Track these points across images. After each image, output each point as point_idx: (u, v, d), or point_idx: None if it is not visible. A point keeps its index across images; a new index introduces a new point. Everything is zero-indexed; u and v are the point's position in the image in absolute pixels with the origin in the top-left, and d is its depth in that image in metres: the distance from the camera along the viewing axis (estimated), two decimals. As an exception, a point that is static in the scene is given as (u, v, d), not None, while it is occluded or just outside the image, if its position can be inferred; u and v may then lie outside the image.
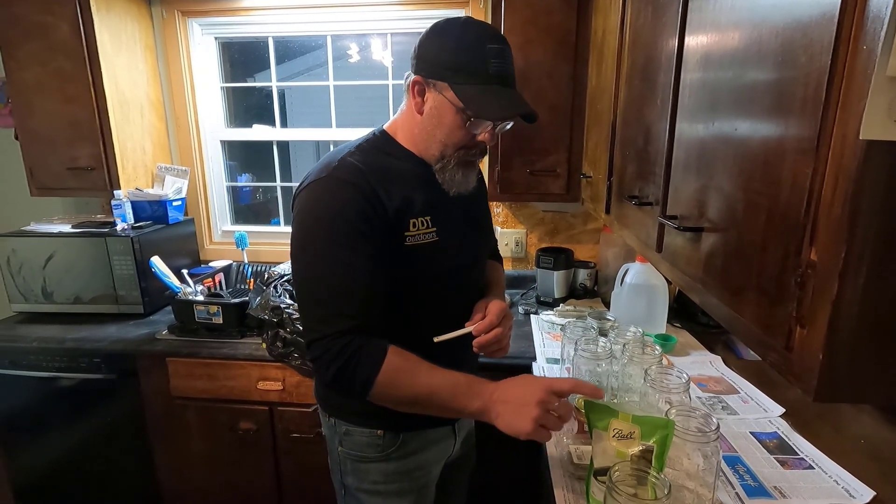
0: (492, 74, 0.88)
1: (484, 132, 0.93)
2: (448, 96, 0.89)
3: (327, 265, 0.88)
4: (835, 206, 0.44)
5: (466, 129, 0.91)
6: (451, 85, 0.88)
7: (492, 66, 0.87)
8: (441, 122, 0.92)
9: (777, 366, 0.53)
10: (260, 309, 1.67)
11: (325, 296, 0.88)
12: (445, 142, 0.93)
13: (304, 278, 0.91)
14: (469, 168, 0.98)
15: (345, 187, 0.88)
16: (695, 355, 1.49)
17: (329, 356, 0.86)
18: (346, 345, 0.86)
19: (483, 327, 0.97)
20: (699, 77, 0.75)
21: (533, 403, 0.82)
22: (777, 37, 0.53)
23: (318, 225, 0.89)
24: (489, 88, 0.88)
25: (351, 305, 0.87)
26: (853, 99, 0.42)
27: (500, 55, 0.88)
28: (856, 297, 0.43)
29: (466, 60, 0.87)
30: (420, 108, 0.93)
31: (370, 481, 1.05)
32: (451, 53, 0.88)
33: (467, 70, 0.87)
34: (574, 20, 1.65)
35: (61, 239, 1.85)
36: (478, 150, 0.96)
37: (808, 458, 0.98)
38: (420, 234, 0.94)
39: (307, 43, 2.28)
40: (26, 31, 1.79)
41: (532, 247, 2.16)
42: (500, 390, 0.87)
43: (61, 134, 1.88)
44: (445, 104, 0.90)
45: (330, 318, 0.87)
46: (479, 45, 0.87)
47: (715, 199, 0.68)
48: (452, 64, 0.88)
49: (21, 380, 1.75)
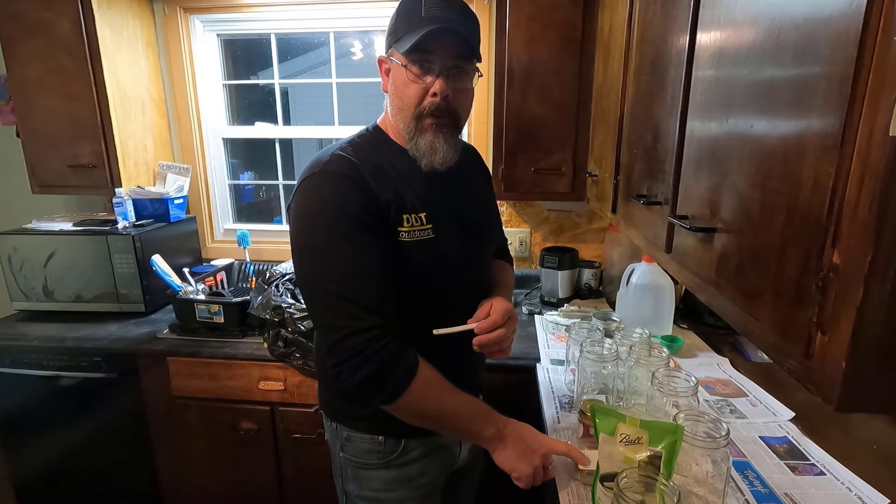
0: (425, 18, 0.85)
1: (434, 82, 0.87)
2: (396, 58, 0.89)
3: (339, 259, 0.84)
4: (860, 206, 0.42)
5: (417, 84, 0.88)
6: (395, 47, 0.88)
7: (425, 11, 0.86)
8: (396, 88, 0.91)
9: (795, 373, 0.51)
10: (261, 308, 1.66)
11: (343, 290, 0.84)
12: (402, 107, 0.91)
13: (313, 275, 0.88)
14: (434, 134, 0.90)
15: (341, 181, 0.86)
16: (702, 357, 1.47)
17: (361, 358, 0.83)
18: (381, 348, 0.83)
19: (486, 326, 0.95)
20: (712, 73, 0.72)
21: (539, 454, 0.90)
22: (797, 29, 0.50)
23: (320, 220, 0.86)
24: (421, 31, 0.84)
25: (370, 298, 0.84)
26: (881, 94, 0.39)
27: (436, 2, 0.86)
28: (882, 303, 0.41)
29: (404, 17, 0.88)
30: (386, 87, 0.94)
31: (371, 488, 1.03)
32: (394, 19, 0.90)
33: (405, 27, 0.87)
34: (580, 16, 1.63)
35: (62, 237, 1.84)
36: (433, 105, 0.88)
37: (820, 464, 0.96)
38: (415, 231, 0.91)
39: (310, 40, 2.26)
40: (27, 27, 1.78)
41: (536, 246, 2.14)
42: (514, 427, 0.94)
43: (63, 131, 1.87)
44: (396, 68, 0.90)
45: (354, 313, 0.84)
46: (415, 1, 0.87)
47: (729, 199, 0.66)
48: (394, 28, 0.90)
49: (22, 378, 1.74)
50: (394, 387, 0.85)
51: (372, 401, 0.88)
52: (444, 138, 0.91)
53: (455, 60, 0.88)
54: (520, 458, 0.90)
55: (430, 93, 0.88)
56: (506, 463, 0.91)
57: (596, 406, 0.89)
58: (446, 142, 0.92)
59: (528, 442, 0.92)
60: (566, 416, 1.16)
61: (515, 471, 0.90)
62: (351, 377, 0.84)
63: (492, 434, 0.91)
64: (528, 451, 0.90)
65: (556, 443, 0.95)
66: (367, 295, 0.84)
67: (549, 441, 0.95)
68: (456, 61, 0.88)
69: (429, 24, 0.84)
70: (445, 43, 0.86)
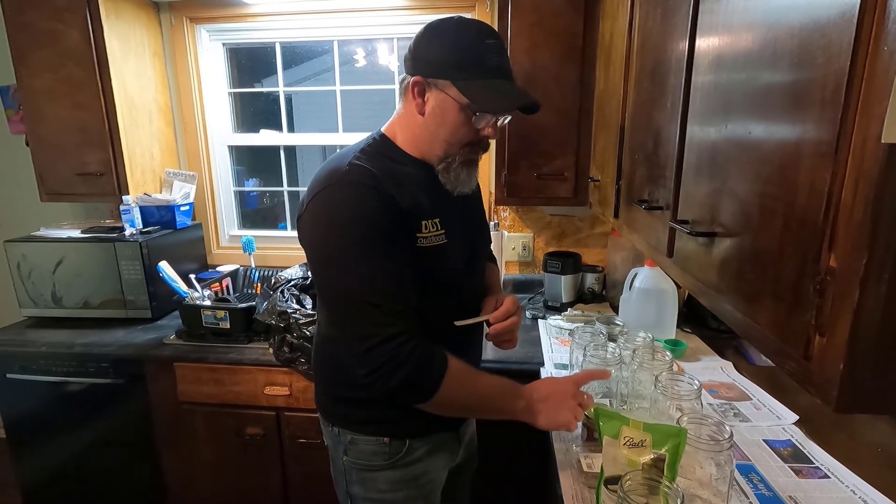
0: (492, 68, 0.89)
1: (487, 126, 0.94)
2: (451, 94, 0.89)
3: (365, 268, 0.86)
4: (855, 211, 0.43)
5: (471, 125, 0.92)
6: (453, 82, 0.89)
7: (491, 60, 0.89)
8: (445, 120, 0.92)
9: (795, 375, 0.51)
10: (267, 314, 1.67)
11: (371, 298, 0.86)
12: (450, 140, 0.93)
13: (339, 285, 0.89)
14: (472, 166, 1.00)
15: (363, 190, 0.87)
16: (705, 361, 1.47)
17: (395, 363, 0.85)
18: (413, 350, 0.86)
19: (500, 314, 1.04)
20: (711, 79, 0.73)
21: (570, 398, 0.95)
22: (793, 38, 0.52)
23: (345, 230, 0.87)
24: (491, 83, 0.89)
25: (396, 303, 0.87)
26: (874, 102, 0.40)
27: (498, 49, 0.90)
28: (878, 305, 0.42)
29: (467, 57, 0.88)
30: (421, 109, 0.93)
31: (377, 490, 1.04)
32: (450, 51, 0.89)
33: (468, 66, 0.88)
34: (581, 24, 1.65)
35: (70, 244, 1.86)
36: (481, 146, 0.97)
37: (824, 467, 0.96)
38: (431, 237, 0.94)
39: (314, 48, 2.29)
40: (37, 38, 1.81)
41: (539, 251, 2.15)
42: (535, 391, 0.97)
43: (71, 140, 1.90)
44: (448, 102, 0.90)
45: (384, 320, 0.86)
46: (479, 41, 0.88)
47: (728, 204, 0.67)
48: (453, 61, 0.88)
49: (30, 384, 1.76)
50: (431, 384, 0.89)
51: (412, 401, 0.92)
52: (476, 167, 1.02)
53: (507, 114, 0.96)
54: (558, 412, 0.94)
55: (482, 135, 0.94)
56: (550, 424, 0.95)
57: (600, 409, 0.89)
58: (476, 170, 1.02)
59: (554, 394, 0.96)
60: (570, 419, 1.17)
61: (562, 425, 0.94)
62: (387, 382, 0.86)
63: (522, 406, 0.95)
64: (560, 402, 0.95)
65: (576, 377, 1.00)
66: (393, 301, 0.87)
67: (569, 380, 0.99)
68: (507, 114, 0.97)
69: (499, 76, 0.90)
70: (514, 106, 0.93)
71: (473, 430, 1.25)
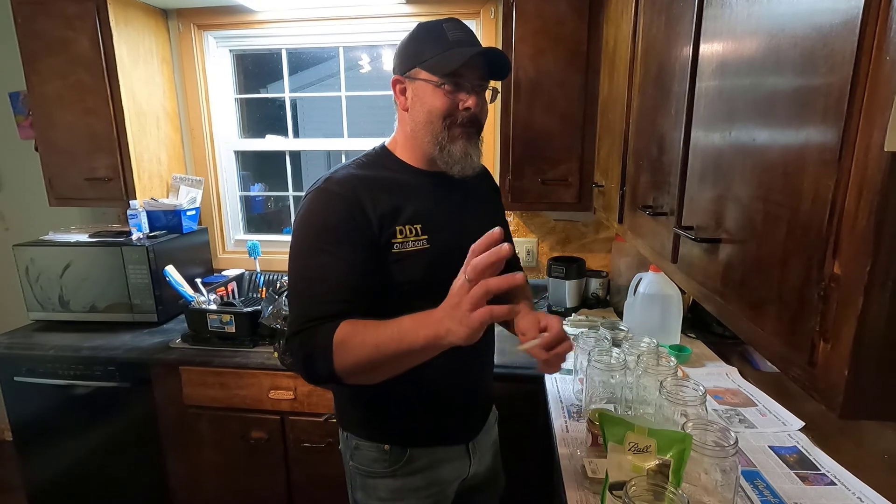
0: (453, 41, 0.93)
1: (465, 98, 0.95)
2: (422, 77, 0.94)
3: (307, 268, 0.91)
4: (859, 218, 0.43)
5: (447, 99, 0.94)
6: (420, 66, 0.94)
7: (451, 35, 0.94)
8: (423, 103, 0.95)
9: (800, 381, 0.51)
10: (272, 318, 1.67)
11: (306, 292, 0.90)
12: (432, 119, 0.95)
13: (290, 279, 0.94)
14: (467, 141, 0.97)
15: (331, 198, 0.92)
16: (710, 366, 1.46)
17: (294, 347, 0.87)
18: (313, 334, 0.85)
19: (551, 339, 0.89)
20: (715, 86, 0.74)
21: (459, 301, 0.72)
22: (796, 46, 0.52)
23: (303, 231, 0.93)
24: (452, 51, 0.92)
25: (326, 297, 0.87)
26: (877, 110, 0.41)
27: (457, 27, 0.95)
28: (882, 311, 0.42)
29: (430, 41, 0.94)
30: (405, 105, 0.98)
31: (378, 497, 1.04)
32: (415, 43, 0.96)
33: (430, 48, 0.93)
34: (585, 30, 1.66)
35: (78, 248, 1.88)
36: (466, 117, 0.96)
37: (830, 474, 0.96)
38: (409, 241, 0.95)
39: (319, 54, 2.31)
40: (48, 45, 1.84)
41: (543, 256, 2.15)
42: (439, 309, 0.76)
43: (80, 145, 1.92)
44: (422, 86, 0.95)
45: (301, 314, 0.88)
46: (438, 26, 0.95)
47: (732, 210, 0.67)
48: (417, 50, 0.95)
49: (37, 387, 1.78)
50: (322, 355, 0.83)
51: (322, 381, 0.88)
52: (475, 144, 1.00)
53: (480, 80, 0.97)
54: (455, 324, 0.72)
55: (462, 107, 0.95)
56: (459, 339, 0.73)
57: (604, 415, 0.89)
58: (476, 147, 1.00)
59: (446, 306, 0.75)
60: (575, 425, 1.17)
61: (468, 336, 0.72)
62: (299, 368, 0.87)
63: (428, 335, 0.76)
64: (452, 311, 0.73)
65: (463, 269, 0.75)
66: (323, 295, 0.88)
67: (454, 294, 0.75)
68: (481, 81, 0.97)
69: (458, 45, 0.93)
70: (476, 64, 0.95)
71: (495, 445, 1.21)
